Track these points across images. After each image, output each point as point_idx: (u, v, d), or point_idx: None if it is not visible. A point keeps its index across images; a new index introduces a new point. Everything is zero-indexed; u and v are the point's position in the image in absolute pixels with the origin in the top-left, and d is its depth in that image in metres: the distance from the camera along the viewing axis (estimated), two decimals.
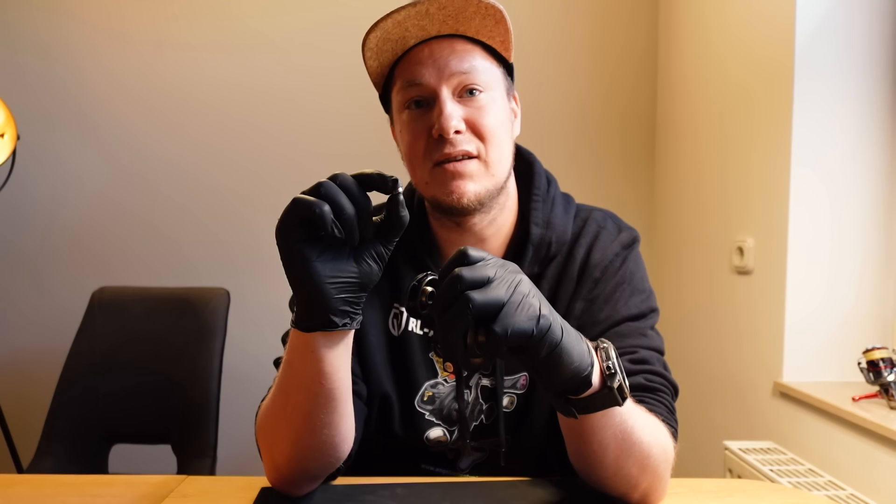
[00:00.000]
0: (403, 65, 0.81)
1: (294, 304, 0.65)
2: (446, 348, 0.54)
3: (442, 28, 0.79)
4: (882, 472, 1.39)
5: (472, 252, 0.55)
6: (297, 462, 0.71)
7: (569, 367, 0.57)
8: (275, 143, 2.41)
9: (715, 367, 2.07)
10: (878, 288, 1.67)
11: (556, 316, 0.57)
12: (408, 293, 0.58)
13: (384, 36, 0.78)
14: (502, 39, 0.82)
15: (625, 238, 0.90)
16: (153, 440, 1.66)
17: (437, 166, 0.79)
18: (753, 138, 1.85)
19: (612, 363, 0.61)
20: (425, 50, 0.80)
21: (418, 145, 0.80)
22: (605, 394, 0.60)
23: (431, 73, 0.79)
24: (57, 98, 2.38)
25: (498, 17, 0.79)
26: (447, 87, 0.79)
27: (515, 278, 0.55)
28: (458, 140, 0.78)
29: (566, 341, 0.56)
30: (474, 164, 0.80)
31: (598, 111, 2.48)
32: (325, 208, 0.56)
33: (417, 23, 0.77)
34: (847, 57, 1.65)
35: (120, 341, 1.67)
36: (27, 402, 2.18)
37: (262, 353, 0.98)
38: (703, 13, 2.16)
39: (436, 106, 0.79)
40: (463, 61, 0.79)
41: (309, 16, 2.41)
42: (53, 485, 0.83)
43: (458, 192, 0.79)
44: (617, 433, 0.65)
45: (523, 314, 0.53)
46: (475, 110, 0.80)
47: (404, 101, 0.82)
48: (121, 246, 2.42)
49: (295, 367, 0.66)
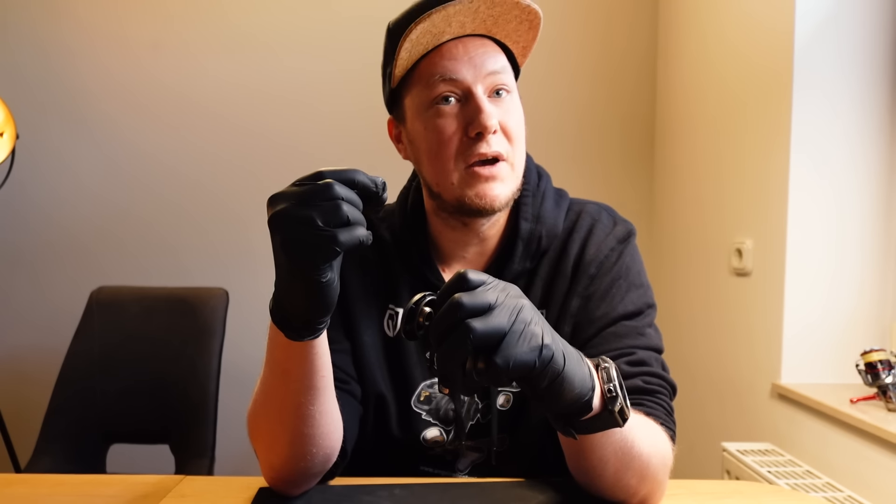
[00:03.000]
0: (434, 59, 0.79)
1: (287, 319, 0.62)
2: (444, 376, 0.52)
3: (478, 28, 0.79)
4: (879, 473, 1.40)
5: (472, 276, 0.53)
6: (294, 461, 0.71)
7: (570, 394, 0.56)
8: (271, 145, 2.42)
9: (713, 369, 2.07)
10: (877, 290, 1.67)
11: (559, 341, 0.56)
12: (404, 316, 0.55)
13: (429, 28, 0.75)
14: (525, 45, 0.83)
15: (620, 232, 0.88)
16: (151, 440, 1.66)
17: (469, 168, 0.78)
18: (752, 140, 1.85)
19: (614, 385, 0.60)
20: (459, 46, 0.78)
21: (451, 143, 0.78)
22: (606, 416, 0.60)
23: (468, 69, 0.78)
24: (55, 98, 2.39)
25: (534, 23, 0.80)
26: (482, 86, 0.78)
27: (517, 304, 0.53)
28: (493, 141, 0.77)
29: (568, 369, 0.55)
30: (504, 167, 0.79)
31: (598, 113, 2.49)
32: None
33: (461, 19, 0.76)
34: (846, 58, 1.65)
35: (118, 341, 1.67)
36: (25, 401, 2.18)
37: (260, 353, 0.97)
38: (702, 16, 2.17)
39: (471, 103, 0.77)
40: (496, 61, 0.80)
41: (304, 19, 2.42)
42: (51, 484, 0.83)
43: (492, 195, 0.78)
44: (616, 449, 0.65)
45: (525, 345, 0.51)
46: (504, 112, 0.79)
47: (435, 96, 0.78)
48: (119, 246, 2.42)
49: (294, 374, 0.66)
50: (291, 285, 0.58)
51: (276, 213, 0.55)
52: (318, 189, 0.54)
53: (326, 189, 0.54)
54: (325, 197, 0.54)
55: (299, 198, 0.54)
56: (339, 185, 0.54)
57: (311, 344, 0.64)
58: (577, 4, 2.45)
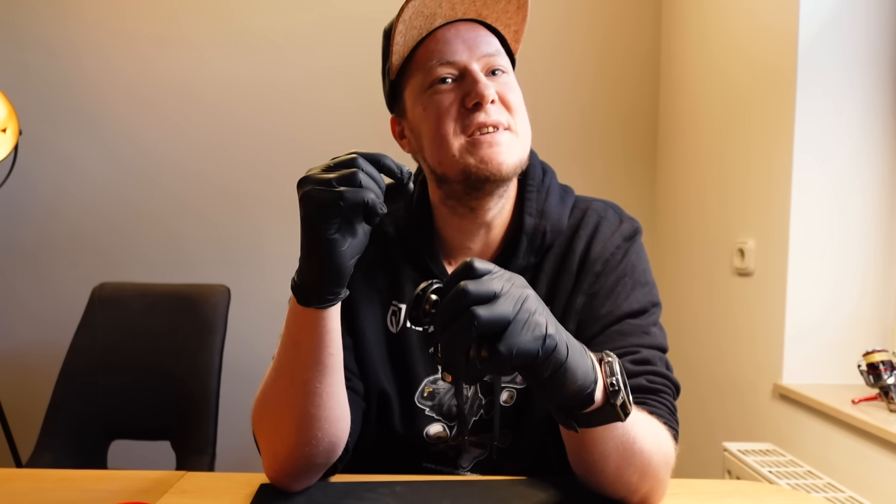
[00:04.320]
0: (429, 45, 0.81)
1: (299, 284, 0.66)
2: (448, 362, 0.53)
3: (468, 11, 0.82)
4: (881, 474, 1.39)
5: (479, 264, 0.54)
6: (299, 447, 0.71)
7: (573, 386, 0.56)
8: (275, 141, 2.42)
9: (715, 369, 2.07)
10: (879, 290, 1.67)
11: (562, 332, 0.56)
12: (412, 301, 0.57)
13: (419, 9, 0.78)
14: (517, 29, 0.85)
15: (626, 229, 0.88)
16: (152, 436, 1.66)
17: (471, 137, 0.79)
18: (755, 140, 1.85)
19: (617, 379, 0.60)
20: (451, 30, 0.81)
21: (449, 114, 0.79)
22: (608, 410, 0.60)
23: (463, 50, 0.80)
24: (60, 95, 2.39)
25: (521, 2, 0.82)
26: (478, 65, 0.80)
27: (522, 294, 0.54)
28: (492, 110, 0.79)
29: (571, 359, 0.55)
30: (507, 134, 0.80)
31: (600, 112, 2.48)
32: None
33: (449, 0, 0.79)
34: (850, 57, 1.65)
35: (120, 337, 1.67)
36: (27, 396, 2.18)
37: (262, 349, 0.98)
38: (705, 15, 2.16)
39: (468, 77, 0.79)
40: (489, 44, 0.82)
41: (308, 15, 2.42)
42: (52, 479, 0.83)
43: (497, 160, 0.78)
44: (618, 444, 0.65)
45: (529, 334, 0.52)
46: (502, 85, 0.81)
47: (432, 79, 0.80)
48: (122, 242, 2.42)
49: (303, 346, 0.68)
50: (307, 246, 0.63)
51: (304, 177, 0.62)
52: (343, 160, 0.61)
53: (349, 160, 0.60)
54: (345, 165, 0.60)
55: (326, 166, 0.62)
56: (362, 160, 0.61)
57: (321, 315, 0.67)
58: (580, 3, 2.45)
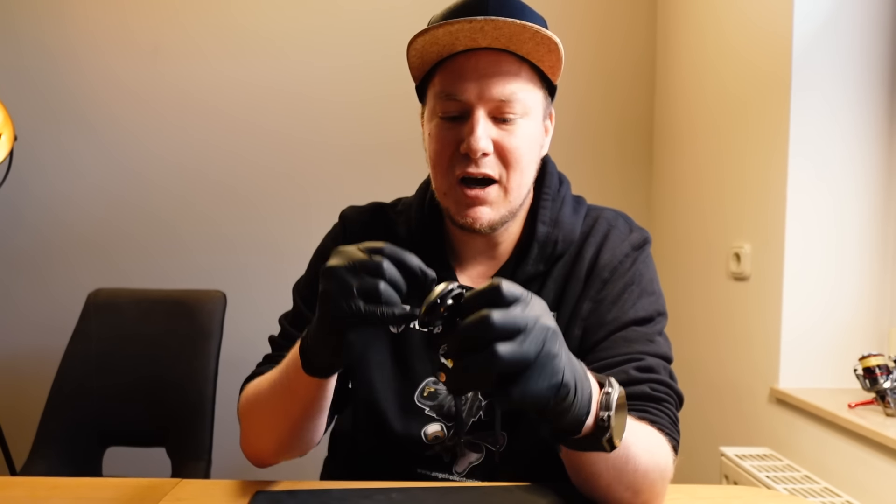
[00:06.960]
0: (447, 70, 0.80)
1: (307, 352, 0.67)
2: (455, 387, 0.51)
3: (492, 44, 0.77)
4: (878, 478, 1.39)
5: (507, 289, 0.51)
6: (277, 455, 0.81)
7: (567, 420, 0.57)
8: (273, 145, 2.42)
9: (711, 373, 2.07)
10: (875, 295, 1.67)
11: (574, 366, 0.56)
12: (427, 307, 0.54)
13: (432, 40, 0.76)
14: (551, 66, 0.81)
15: (636, 238, 0.89)
16: (148, 443, 1.65)
17: (458, 183, 0.80)
18: (750, 144, 1.86)
19: (609, 415, 0.59)
20: (471, 61, 0.78)
21: (444, 155, 0.80)
22: (593, 442, 0.60)
23: (472, 90, 0.77)
24: (58, 99, 2.38)
25: (552, 47, 0.77)
26: (483, 108, 0.78)
27: (546, 330, 0.51)
28: (483, 162, 0.78)
29: (574, 400, 0.55)
30: (494, 191, 0.80)
31: (595, 117, 2.49)
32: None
33: (470, 35, 0.76)
34: (845, 60, 1.65)
35: (115, 343, 1.66)
36: (21, 403, 2.17)
37: (258, 356, 0.98)
38: (701, 18, 2.17)
39: (468, 123, 0.78)
40: (505, 86, 0.78)
41: (306, 18, 2.41)
42: (47, 487, 0.82)
43: (473, 216, 0.80)
44: (610, 465, 0.65)
45: (546, 382, 0.51)
46: (506, 134, 0.79)
47: (438, 110, 0.80)
48: (119, 246, 2.41)
49: (299, 396, 0.72)
50: (322, 334, 0.63)
51: (328, 268, 0.59)
52: (368, 263, 0.58)
53: (375, 267, 0.57)
54: (370, 271, 0.57)
55: (352, 263, 0.58)
56: (388, 263, 0.58)
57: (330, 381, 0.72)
58: (574, 6, 2.45)
